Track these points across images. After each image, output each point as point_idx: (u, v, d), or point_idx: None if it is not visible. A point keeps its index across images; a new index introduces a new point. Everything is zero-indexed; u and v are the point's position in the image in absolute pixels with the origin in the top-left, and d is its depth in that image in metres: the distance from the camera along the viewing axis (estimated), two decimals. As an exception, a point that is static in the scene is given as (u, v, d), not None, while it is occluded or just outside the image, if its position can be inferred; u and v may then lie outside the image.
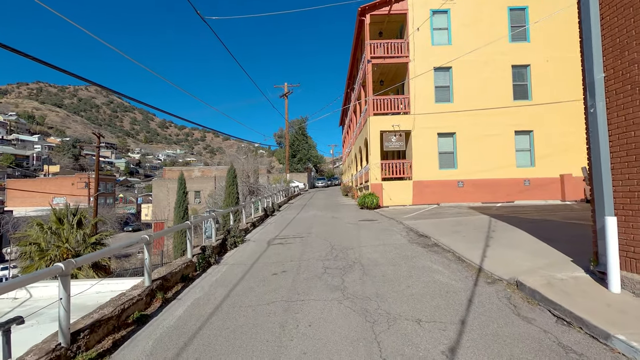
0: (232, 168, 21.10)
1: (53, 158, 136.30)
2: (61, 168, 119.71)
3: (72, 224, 19.59)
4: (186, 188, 22.36)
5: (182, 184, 22.37)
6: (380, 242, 8.83)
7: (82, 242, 19.26)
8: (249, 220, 13.01)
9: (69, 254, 18.38)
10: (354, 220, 13.61)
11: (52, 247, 18.60)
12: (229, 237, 8.91)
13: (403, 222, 12.00)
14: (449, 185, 18.52)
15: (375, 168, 18.78)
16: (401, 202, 18.48)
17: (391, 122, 18.87)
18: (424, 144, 18.70)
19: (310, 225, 12.43)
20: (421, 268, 6.34)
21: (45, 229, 19.01)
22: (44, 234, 18.98)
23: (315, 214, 16.46)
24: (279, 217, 15.65)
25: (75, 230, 19.41)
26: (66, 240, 18.97)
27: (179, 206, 22.08)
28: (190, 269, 6.47)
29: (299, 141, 58.93)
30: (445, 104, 18.96)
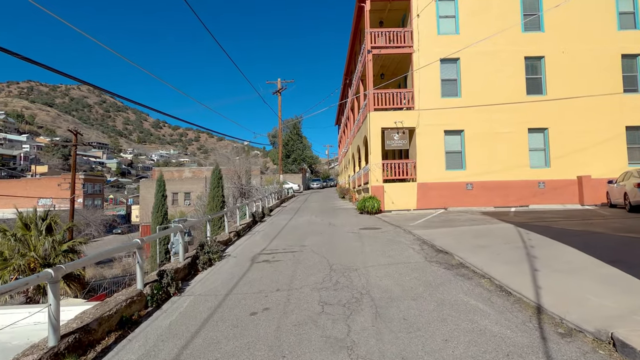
0: (216, 168, 19.25)
1: (42, 158, 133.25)
2: (49, 168, 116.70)
3: (40, 230, 17.67)
4: (165, 190, 20.45)
5: (161, 185, 20.39)
6: (391, 260, 7.10)
7: (52, 250, 17.36)
8: (232, 228, 11.22)
9: (37, 264, 16.50)
10: (354, 228, 11.88)
11: (16, 256, 16.68)
12: (201, 254, 7.12)
13: (412, 231, 10.29)
14: (456, 188, 16.87)
15: (376, 169, 17.08)
16: (404, 206, 16.79)
17: (393, 119, 17.18)
18: (429, 142, 17.04)
19: (304, 235, 10.67)
20: (455, 305, 4.61)
21: (8, 236, 17.09)
22: (7, 241, 17.06)
23: (310, 219, 14.71)
24: (269, 224, 13.88)
25: (44, 237, 17.48)
26: (34, 248, 17.06)
27: (157, 210, 20.13)
28: (136, 307, 4.69)
29: (293, 141, 57.15)
30: (452, 98, 17.32)
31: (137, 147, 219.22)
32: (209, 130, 14.47)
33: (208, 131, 62.43)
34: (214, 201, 18.47)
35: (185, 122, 31.17)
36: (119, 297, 4.60)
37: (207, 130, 12.51)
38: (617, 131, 16.87)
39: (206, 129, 13.09)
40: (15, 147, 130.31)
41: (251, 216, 14.07)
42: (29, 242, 17.35)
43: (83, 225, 42.68)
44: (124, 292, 4.81)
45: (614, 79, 17.10)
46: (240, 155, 44.95)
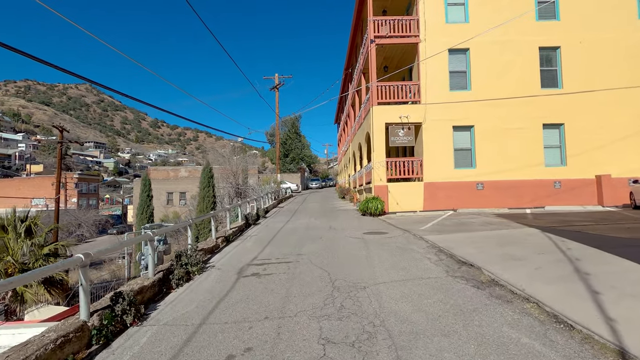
0: (207, 166, 17.99)
1: (38, 157, 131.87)
2: (45, 167, 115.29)
3: (19, 232, 16.44)
4: (150, 190, 19.14)
5: (146, 184, 19.03)
6: (405, 275, 5.90)
7: (31, 254, 16.15)
8: (221, 233, 9.98)
9: (15, 269, 15.30)
10: (358, 232, 10.67)
11: (-9, 261, 15.45)
12: (177, 268, 5.89)
13: (424, 236, 9.09)
14: (466, 188, 15.68)
15: (379, 167, 15.87)
16: (410, 207, 15.59)
17: (398, 113, 15.98)
18: (436, 138, 15.84)
19: (301, 241, 9.45)
20: (503, 345, 3.40)
21: (-18, 239, 15.87)
22: (-19, 245, 15.83)
23: (309, 222, 13.49)
24: (263, 228, 12.65)
25: (22, 239, 16.26)
26: (12, 252, 15.84)
27: (142, 211, 18.78)
28: (73, 347, 3.46)
29: (291, 140, 55.91)
30: (461, 91, 16.13)
31: (135, 146, 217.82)
32: (203, 125, 13.51)
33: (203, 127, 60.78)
34: (205, 202, 17.21)
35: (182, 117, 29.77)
36: (47, 335, 3.37)
37: (202, 126, 11.64)
38: (638, 127, 15.69)
39: (202, 125, 12.12)
40: (11, 146, 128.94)
41: (244, 218, 12.85)
42: (7, 246, 16.13)
43: (74, 226, 41.45)
44: (57, 327, 3.57)
45: (635, 70, 15.92)
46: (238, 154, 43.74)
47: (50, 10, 6.25)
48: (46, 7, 6.25)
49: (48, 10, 5.93)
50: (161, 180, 48.09)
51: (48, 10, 5.51)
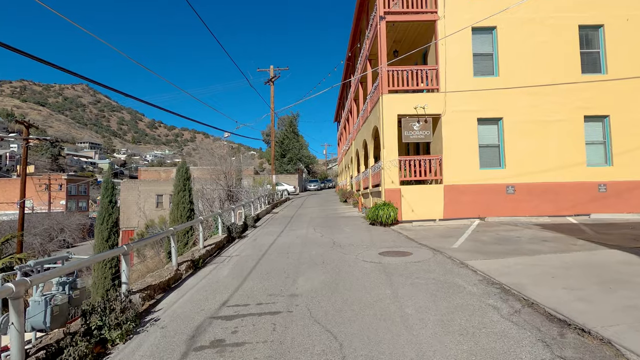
0: (182, 166, 15.32)
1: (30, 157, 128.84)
2: (36, 168, 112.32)
3: (-37, 244, 13.90)
4: (114, 195, 16.43)
5: (108, 188, 16.19)
6: (474, 349, 3.36)
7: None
8: (187, 256, 7.37)
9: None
10: (371, 251, 8.11)
11: None
12: (69, 346, 3.31)
13: (465, 261, 6.56)
14: (494, 192, 13.17)
15: (390, 167, 13.33)
16: (427, 215, 13.07)
17: (413, 103, 13.46)
18: (458, 133, 13.33)
19: (296, 268, 6.89)
20: None
21: None
22: None
23: (306, 235, 10.92)
24: (249, 243, 10.07)
25: (-33, 253, 13.71)
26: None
27: (102, 221, 15.93)
28: None
29: (289, 139, 53.37)
30: (487, 77, 13.63)
31: (131, 147, 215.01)
32: (188, 119, 11.13)
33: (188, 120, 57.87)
34: (179, 209, 14.54)
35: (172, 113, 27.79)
36: None
37: (186, 119, 9.64)
38: (698, 119, 13.24)
39: (185, 118, 10.25)
40: (2, 146, 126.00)
41: (225, 231, 10.27)
42: (-51, 260, 13.59)
43: (56, 230, 38.79)
44: None
45: (693, 53, 13.46)
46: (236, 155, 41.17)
47: None
48: None
49: None
50: (151, 181, 45.48)
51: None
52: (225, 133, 15.20)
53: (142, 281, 5.52)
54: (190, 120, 16.25)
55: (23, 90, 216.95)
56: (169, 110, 10.15)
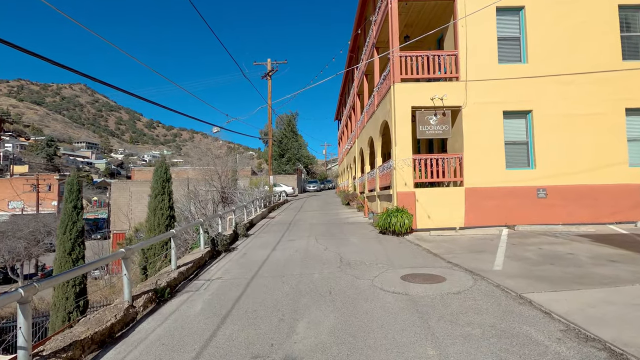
0: (160, 165, 13.42)
1: (25, 157, 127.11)
2: (30, 168, 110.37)
3: None
4: (80, 199, 14.47)
5: (73, 191, 14.19)
6: None
7: None
8: (149, 284, 5.56)
9: None
10: (390, 273, 6.35)
11: None
12: None
13: (524, 294, 4.80)
14: (522, 196, 11.43)
15: (403, 167, 11.57)
16: (446, 222, 11.31)
17: (429, 93, 11.71)
18: (481, 128, 11.59)
19: (294, 305, 5.10)
20: None
21: None
22: None
23: (307, 248, 9.14)
24: (237, 260, 8.27)
25: None
26: None
27: (65, 230, 13.97)
28: None
29: (287, 139, 51.59)
30: (514, 65, 11.90)
31: (129, 147, 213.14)
32: (181, 113, 9.31)
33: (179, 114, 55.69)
34: (156, 217, 12.64)
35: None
36: None
37: (177, 112, 7.93)
38: None
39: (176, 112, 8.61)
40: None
41: (209, 243, 8.48)
42: None
43: (43, 233, 36.88)
44: None
45: None
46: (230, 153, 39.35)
47: None
48: None
49: None
50: (143, 182, 43.60)
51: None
52: (214, 127, 13.43)
53: (67, 333, 3.73)
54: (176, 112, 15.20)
55: (20, 89, 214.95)
56: (149, 101, 8.41)
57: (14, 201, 61.41)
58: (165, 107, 10.27)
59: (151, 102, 9.42)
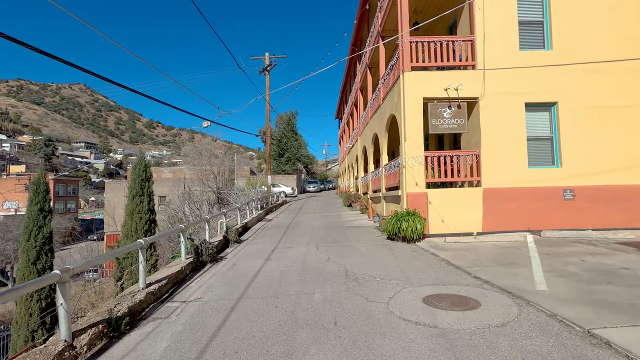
0: (140, 162, 12.12)
1: (22, 157, 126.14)
2: (27, 168, 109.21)
3: None
4: (48, 201, 13.12)
5: (40, 192, 12.65)
6: None
7: None
8: (103, 311, 4.36)
9: None
10: (410, 295, 5.14)
11: None
12: None
13: (604, 336, 3.58)
14: (547, 197, 10.22)
15: (414, 166, 10.36)
16: (461, 226, 10.10)
17: (443, 83, 10.51)
18: (501, 121, 10.39)
19: (289, 344, 3.89)
20: None
21: None
22: None
23: (306, 259, 7.92)
24: (223, 273, 7.04)
25: None
26: None
27: (30, 237, 12.55)
28: None
29: (287, 138, 50.39)
30: (537, 51, 10.70)
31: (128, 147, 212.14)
32: (171, 106, 8.43)
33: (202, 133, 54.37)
34: (133, 221, 11.28)
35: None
36: None
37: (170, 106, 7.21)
38: None
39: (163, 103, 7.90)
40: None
41: (192, 252, 7.27)
42: None
43: (34, 235, 35.58)
44: None
45: None
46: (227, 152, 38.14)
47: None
48: None
49: None
50: (138, 182, 42.43)
51: None
52: (204, 122, 12.23)
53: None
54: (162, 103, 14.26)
55: (20, 89, 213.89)
56: (132, 90, 7.24)
57: (9, 201, 60.25)
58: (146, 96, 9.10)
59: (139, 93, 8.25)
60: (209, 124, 12.30)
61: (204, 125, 12.44)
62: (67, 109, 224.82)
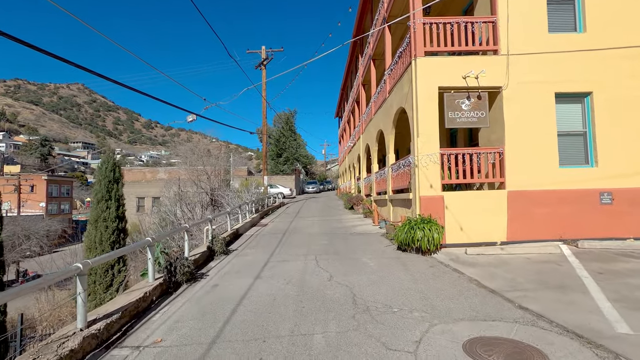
0: (107, 160, 10.70)
1: (18, 157, 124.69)
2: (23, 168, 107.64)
3: None
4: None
5: None
6: None
7: None
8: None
9: None
10: (444, 340, 3.78)
11: None
12: None
13: None
14: (581, 201, 8.87)
15: (428, 165, 9.01)
16: (482, 235, 8.75)
17: (460, 70, 9.17)
18: (527, 114, 9.05)
19: None
20: None
21: None
22: None
23: (304, 277, 6.54)
24: (195, 304, 5.62)
25: None
26: None
27: None
28: None
29: (285, 137, 49.05)
30: (568, 34, 9.38)
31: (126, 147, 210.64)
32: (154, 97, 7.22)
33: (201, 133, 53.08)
34: (98, 230, 9.71)
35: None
36: None
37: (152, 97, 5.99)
38: None
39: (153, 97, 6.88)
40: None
41: (165, 270, 5.90)
42: None
43: (21, 238, 34.19)
44: None
45: None
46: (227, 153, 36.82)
47: None
48: None
49: None
50: (130, 183, 40.95)
51: None
52: (189, 116, 10.87)
53: None
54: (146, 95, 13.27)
55: (17, 89, 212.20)
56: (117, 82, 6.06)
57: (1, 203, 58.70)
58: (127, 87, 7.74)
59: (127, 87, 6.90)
60: (194, 117, 10.97)
61: (189, 119, 11.10)
62: (65, 108, 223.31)
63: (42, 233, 34.69)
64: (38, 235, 34.09)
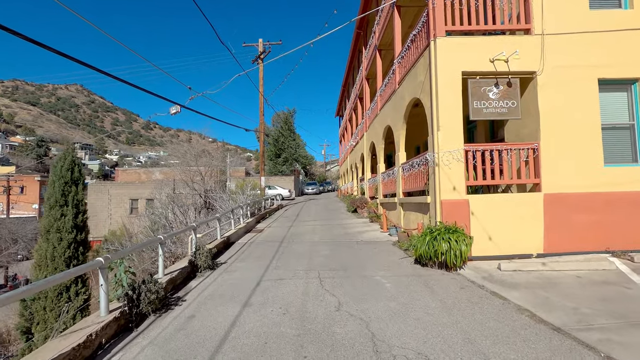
0: (64, 157, 9.36)
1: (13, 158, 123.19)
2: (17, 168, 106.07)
3: None
4: None
5: None
6: None
7: None
8: None
9: None
10: None
11: None
12: None
13: None
14: (631, 205, 7.53)
15: (451, 163, 7.66)
16: (515, 246, 7.41)
17: (488, 52, 7.83)
18: (566, 104, 7.71)
19: None
20: None
21: None
22: None
23: (305, 305, 5.18)
24: (161, 343, 4.27)
25: None
26: None
27: None
28: None
29: (284, 137, 47.69)
30: (612, 11, 8.06)
31: (124, 148, 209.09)
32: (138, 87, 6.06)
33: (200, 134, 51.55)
34: (50, 243, 8.25)
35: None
36: None
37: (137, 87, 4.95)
38: None
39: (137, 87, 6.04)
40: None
41: (124, 298, 4.56)
42: None
43: (9, 241, 32.77)
44: None
45: None
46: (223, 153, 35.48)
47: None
48: None
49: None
50: (124, 184, 39.64)
51: None
52: (172, 108, 9.51)
53: None
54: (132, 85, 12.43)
55: (15, 89, 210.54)
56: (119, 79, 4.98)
57: (-4, 204, 57.41)
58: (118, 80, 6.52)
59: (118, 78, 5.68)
60: (178, 109, 9.62)
61: (172, 111, 9.76)
62: (63, 109, 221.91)
63: (31, 236, 33.21)
64: (26, 238, 32.60)
